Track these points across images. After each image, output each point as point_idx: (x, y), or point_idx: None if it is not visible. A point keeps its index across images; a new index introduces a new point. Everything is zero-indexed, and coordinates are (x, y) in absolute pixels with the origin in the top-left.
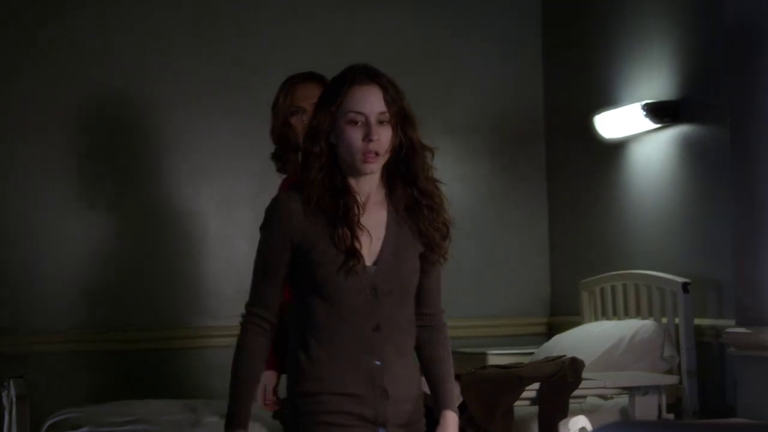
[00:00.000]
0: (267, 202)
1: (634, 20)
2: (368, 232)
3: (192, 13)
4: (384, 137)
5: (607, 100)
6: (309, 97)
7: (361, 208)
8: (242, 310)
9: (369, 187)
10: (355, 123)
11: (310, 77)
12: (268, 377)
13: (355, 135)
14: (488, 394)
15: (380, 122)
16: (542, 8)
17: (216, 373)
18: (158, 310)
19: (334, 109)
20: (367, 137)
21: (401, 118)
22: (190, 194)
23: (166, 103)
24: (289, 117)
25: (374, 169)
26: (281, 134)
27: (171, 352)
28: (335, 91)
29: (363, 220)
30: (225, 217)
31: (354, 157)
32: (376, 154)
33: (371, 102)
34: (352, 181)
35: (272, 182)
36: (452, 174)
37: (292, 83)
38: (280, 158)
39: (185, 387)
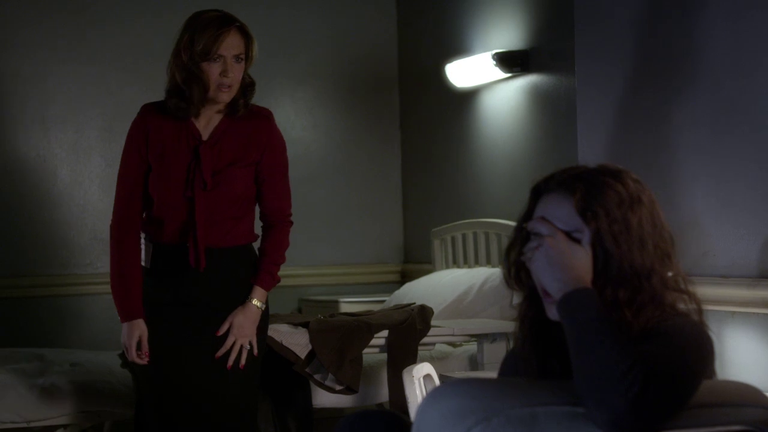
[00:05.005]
0: (118, 149)
1: None
2: None
3: None
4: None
5: (459, 49)
6: (234, 47)
7: None
8: (94, 257)
9: None
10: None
11: (235, 26)
12: (143, 328)
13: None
14: (337, 342)
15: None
16: None
17: (67, 321)
18: (6, 258)
19: None
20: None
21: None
22: (41, 141)
23: (18, 48)
24: (204, 62)
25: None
26: (193, 75)
27: (20, 301)
28: None
29: None
30: (76, 164)
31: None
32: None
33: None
34: None
35: (124, 130)
36: (306, 121)
37: (220, 30)
38: (185, 98)
39: (35, 336)
